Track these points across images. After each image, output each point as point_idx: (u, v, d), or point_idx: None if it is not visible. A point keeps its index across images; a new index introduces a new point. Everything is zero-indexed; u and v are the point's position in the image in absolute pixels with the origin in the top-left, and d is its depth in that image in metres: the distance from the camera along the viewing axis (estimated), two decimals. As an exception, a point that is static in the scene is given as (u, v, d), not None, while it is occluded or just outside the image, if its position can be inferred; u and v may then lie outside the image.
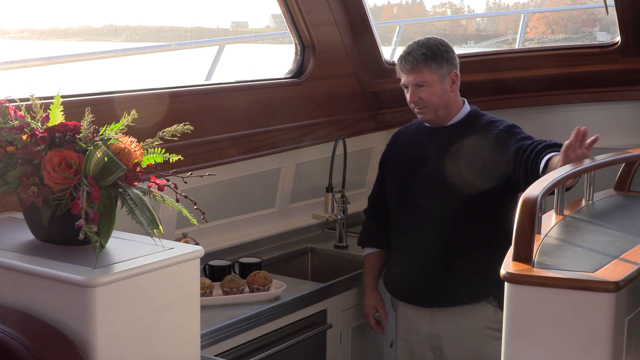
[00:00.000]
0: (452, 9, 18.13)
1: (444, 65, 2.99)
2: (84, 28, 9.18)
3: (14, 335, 1.71)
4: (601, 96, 3.85)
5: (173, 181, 1.98)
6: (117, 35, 9.14)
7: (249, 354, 2.79)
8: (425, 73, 2.98)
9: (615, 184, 2.69)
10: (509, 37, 17.18)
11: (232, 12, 24.17)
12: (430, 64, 2.97)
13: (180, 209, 1.99)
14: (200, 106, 3.25)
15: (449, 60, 3.01)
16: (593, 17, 15.64)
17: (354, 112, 4.05)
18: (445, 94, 3.01)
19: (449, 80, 3.01)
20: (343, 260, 3.72)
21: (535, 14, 9.30)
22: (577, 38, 15.04)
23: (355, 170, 4.13)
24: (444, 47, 3.02)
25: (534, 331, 1.78)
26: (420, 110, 3.03)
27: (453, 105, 3.05)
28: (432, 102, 3.00)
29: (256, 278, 2.97)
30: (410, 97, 3.02)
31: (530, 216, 1.85)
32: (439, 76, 2.99)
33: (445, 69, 3.00)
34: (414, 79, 2.99)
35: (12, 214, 2.32)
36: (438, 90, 2.99)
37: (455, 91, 3.05)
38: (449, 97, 3.02)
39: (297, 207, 3.88)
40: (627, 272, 1.79)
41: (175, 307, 1.95)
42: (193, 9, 14.78)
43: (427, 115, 3.04)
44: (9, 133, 1.93)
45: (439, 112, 3.02)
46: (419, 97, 3.00)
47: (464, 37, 16.54)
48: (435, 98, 2.99)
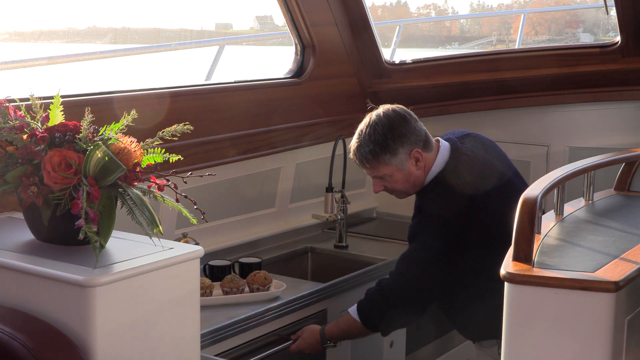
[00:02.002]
0: (436, 10, 18.20)
1: (399, 151, 2.75)
2: (68, 30, 9.18)
3: (14, 335, 1.71)
4: (601, 96, 3.84)
5: (173, 181, 1.98)
6: (100, 37, 9.14)
7: (249, 354, 2.79)
8: (379, 168, 2.80)
9: (615, 184, 2.69)
10: (493, 38, 17.26)
11: (216, 14, 24.30)
12: (382, 158, 2.76)
13: (180, 209, 1.99)
14: (200, 106, 3.25)
15: (403, 143, 2.75)
16: (576, 18, 15.69)
17: (354, 112, 4.04)
18: (411, 176, 2.81)
19: (411, 161, 2.78)
20: (343, 260, 3.72)
21: (519, 15, 9.33)
22: (560, 39, 15.10)
23: (355, 170, 4.12)
24: (393, 131, 2.76)
25: (534, 331, 1.78)
26: (391, 194, 2.91)
27: (423, 178, 2.84)
28: (397, 189, 2.85)
29: (256, 278, 2.97)
30: (374, 188, 2.88)
31: (530, 216, 1.85)
32: (397, 164, 2.78)
33: (403, 154, 2.76)
34: (372, 173, 2.84)
35: (12, 214, 2.32)
36: (400, 177, 2.81)
37: (423, 167, 2.80)
38: (416, 176, 2.81)
39: (297, 207, 3.88)
40: (627, 272, 1.79)
41: (175, 307, 1.95)
42: (176, 10, 14.87)
43: (400, 196, 2.92)
44: (9, 133, 1.93)
45: (410, 191, 2.87)
46: (384, 186, 2.86)
47: (448, 38, 16.59)
48: (399, 185, 2.83)
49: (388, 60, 4.15)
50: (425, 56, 4.23)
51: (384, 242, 3.94)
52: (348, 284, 3.24)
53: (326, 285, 3.15)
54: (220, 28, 13.75)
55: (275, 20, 12.99)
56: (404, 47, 4.70)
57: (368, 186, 4.33)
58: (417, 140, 2.79)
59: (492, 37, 17.23)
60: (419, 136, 2.80)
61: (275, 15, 14.12)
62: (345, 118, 3.97)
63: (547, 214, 2.30)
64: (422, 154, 2.79)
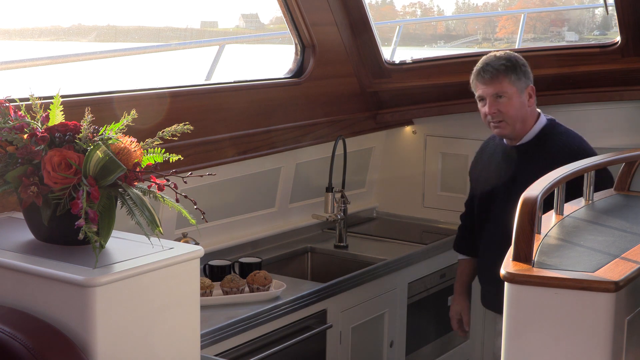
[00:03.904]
0: (422, 9, 18.22)
1: (522, 78, 2.97)
2: (52, 28, 9.17)
3: (14, 335, 1.71)
4: (601, 96, 3.84)
5: (173, 181, 1.98)
6: (85, 35, 9.13)
7: (249, 354, 2.79)
8: (504, 83, 2.94)
9: (615, 184, 2.69)
10: (479, 37, 17.30)
11: (201, 12, 24.31)
12: (510, 75, 2.95)
13: (179, 209, 1.99)
14: (200, 106, 3.25)
15: (526, 74, 2.99)
16: (561, 17, 15.75)
17: (354, 112, 4.05)
18: (523, 107, 2.97)
19: (526, 94, 2.98)
20: (343, 260, 3.72)
21: (504, 15, 9.38)
22: (545, 38, 15.13)
23: (355, 170, 4.13)
24: (522, 60, 3.00)
25: (534, 331, 1.78)
26: (497, 124, 2.98)
27: (529, 120, 3.00)
28: (510, 114, 2.95)
29: (256, 278, 2.97)
30: (489, 108, 2.97)
31: (530, 216, 1.85)
32: (518, 88, 2.96)
33: (524, 82, 2.97)
34: (494, 89, 2.95)
35: (12, 214, 2.32)
36: (516, 103, 2.95)
37: (533, 106, 3.01)
38: (526, 111, 2.98)
39: (297, 207, 3.88)
40: (627, 272, 1.79)
41: (175, 307, 1.95)
42: (161, 8, 14.87)
43: (504, 130, 2.99)
44: (9, 133, 1.93)
45: (516, 126, 2.98)
46: (498, 109, 2.95)
47: (434, 37, 16.58)
48: (513, 110, 2.95)
49: (388, 60, 4.15)
50: (415, 55, 4.23)
51: (384, 242, 3.94)
52: (348, 284, 3.25)
53: (326, 285, 3.15)
54: (205, 26, 13.69)
55: (260, 19, 12.97)
56: (388, 47, 4.70)
57: (368, 186, 4.34)
58: (532, 81, 3.02)
59: (478, 35, 17.28)
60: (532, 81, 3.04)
61: (260, 13, 14.10)
62: (345, 118, 3.97)
63: (547, 214, 2.30)
64: (534, 95, 3.01)
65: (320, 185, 3.81)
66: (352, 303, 3.28)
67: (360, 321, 3.32)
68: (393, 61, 4.17)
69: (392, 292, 3.48)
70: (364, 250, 3.77)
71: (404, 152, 4.34)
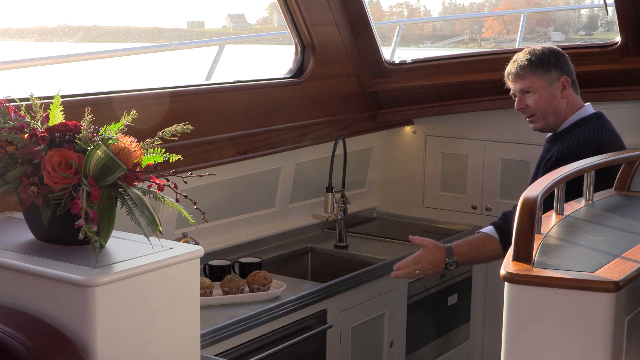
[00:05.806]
0: (408, 9, 18.24)
1: (552, 70, 2.96)
2: (37, 28, 9.16)
3: (14, 335, 1.71)
4: (601, 96, 3.84)
5: (173, 181, 1.98)
6: (71, 35, 9.12)
7: (249, 354, 2.79)
8: (530, 79, 2.96)
9: (615, 184, 2.69)
10: (465, 37, 17.33)
11: (188, 13, 24.35)
12: (535, 70, 2.95)
13: (179, 209, 1.99)
14: (200, 106, 3.25)
15: (557, 66, 2.97)
16: (547, 17, 15.81)
17: (354, 112, 4.05)
18: (554, 99, 2.96)
19: (558, 86, 2.96)
20: (343, 260, 3.72)
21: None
22: (531, 38, 15.16)
23: (355, 170, 4.13)
24: (553, 53, 2.98)
25: (534, 331, 1.78)
26: (530, 118, 3.01)
27: (564, 111, 2.99)
28: (539, 108, 2.96)
29: (256, 278, 2.97)
30: (517, 104, 2.99)
31: (530, 216, 1.85)
32: (546, 82, 2.95)
33: (554, 75, 2.96)
34: (520, 85, 2.98)
35: (12, 214, 2.32)
36: (545, 96, 2.95)
37: (568, 97, 2.99)
38: (559, 103, 2.97)
39: (297, 207, 3.88)
40: (627, 271, 1.79)
41: (175, 307, 1.95)
42: (148, 9, 14.91)
43: (536, 124, 3.01)
44: (9, 133, 1.93)
45: (549, 119, 2.98)
46: (526, 104, 2.97)
47: (421, 37, 16.59)
48: (542, 104, 2.96)
49: (388, 60, 4.15)
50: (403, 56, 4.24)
51: (384, 242, 3.94)
52: (348, 283, 3.24)
53: (326, 285, 3.15)
54: (192, 27, 13.68)
55: (247, 19, 12.91)
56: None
57: (368, 186, 4.34)
58: (569, 73, 2.99)
59: (465, 35, 17.32)
60: (570, 73, 3.00)
61: (247, 13, 14.01)
62: (345, 118, 3.97)
63: (547, 213, 2.30)
64: (569, 86, 2.97)
65: (320, 185, 3.81)
66: (352, 303, 3.28)
67: (360, 321, 3.32)
68: (393, 61, 4.17)
69: (392, 292, 3.48)
70: (364, 250, 3.77)
71: (404, 152, 4.34)
